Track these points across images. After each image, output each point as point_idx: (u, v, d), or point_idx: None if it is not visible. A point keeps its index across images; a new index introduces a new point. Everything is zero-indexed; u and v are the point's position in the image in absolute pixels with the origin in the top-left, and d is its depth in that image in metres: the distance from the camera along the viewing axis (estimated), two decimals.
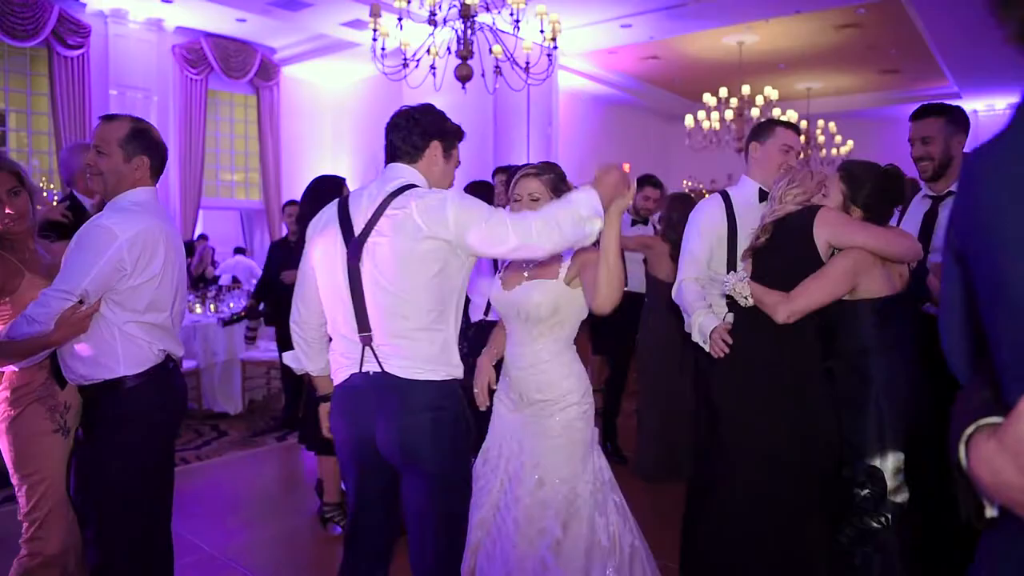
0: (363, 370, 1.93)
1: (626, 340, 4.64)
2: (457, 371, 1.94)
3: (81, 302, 2.03)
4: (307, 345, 2.18)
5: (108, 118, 2.22)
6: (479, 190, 4.30)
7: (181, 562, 3.20)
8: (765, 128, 2.88)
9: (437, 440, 1.88)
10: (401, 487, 1.99)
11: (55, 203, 2.49)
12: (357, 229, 1.89)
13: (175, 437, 2.43)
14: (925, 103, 2.96)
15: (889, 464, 2.20)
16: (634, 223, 4.78)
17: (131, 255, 2.05)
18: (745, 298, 2.36)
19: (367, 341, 1.89)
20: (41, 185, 8.06)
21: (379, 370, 1.90)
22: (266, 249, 11.21)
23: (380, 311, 1.87)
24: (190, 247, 8.78)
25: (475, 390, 2.41)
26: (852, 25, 9.16)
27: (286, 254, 4.96)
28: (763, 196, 2.75)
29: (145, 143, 2.18)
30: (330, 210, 2.02)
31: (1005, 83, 11.18)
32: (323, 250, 1.98)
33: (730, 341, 2.46)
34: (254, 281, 7.82)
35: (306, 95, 11.56)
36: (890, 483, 2.20)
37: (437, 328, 1.88)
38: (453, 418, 1.91)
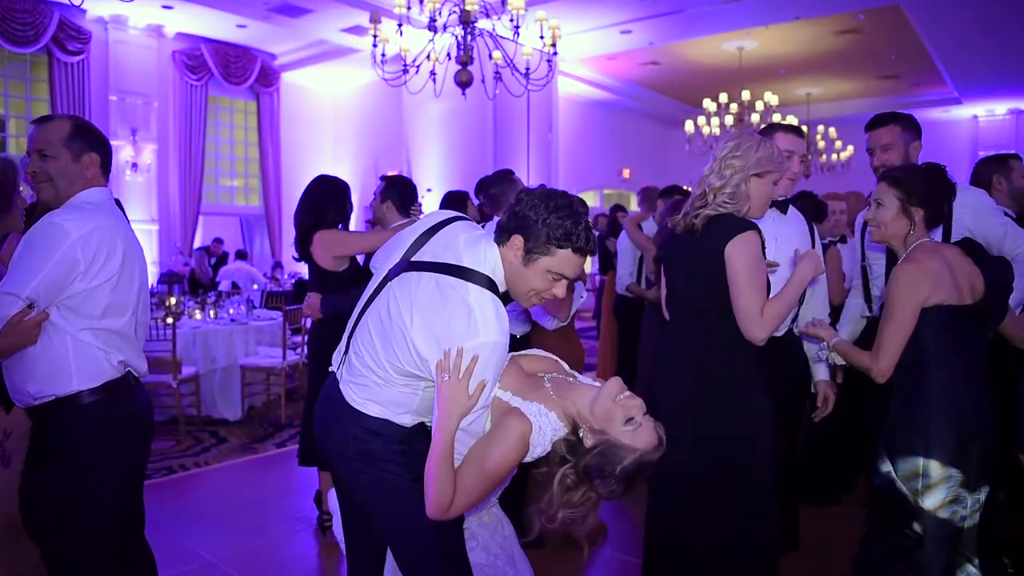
0: (335, 372, 1.84)
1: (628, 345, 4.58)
2: (394, 419, 1.73)
3: (30, 307, 1.83)
4: None
5: (43, 119, 2.05)
6: (454, 201, 4.22)
7: (180, 569, 3.18)
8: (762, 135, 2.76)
9: (358, 464, 1.73)
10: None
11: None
12: (415, 257, 1.72)
13: (142, 462, 2.16)
14: (878, 113, 2.89)
15: (930, 501, 2.10)
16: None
17: (85, 254, 1.87)
18: (838, 363, 2.45)
19: (343, 349, 1.81)
20: None
21: (338, 382, 1.80)
22: (266, 255, 11.30)
23: (361, 338, 1.75)
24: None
25: None
26: (852, 31, 9.18)
27: None
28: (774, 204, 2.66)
29: (91, 139, 2.02)
30: (420, 224, 1.84)
31: (1005, 88, 11.19)
32: (384, 256, 1.85)
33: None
34: (254, 287, 7.79)
35: (306, 101, 11.58)
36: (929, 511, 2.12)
37: (388, 387, 1.70)
38: (368, 450, 1.72)
